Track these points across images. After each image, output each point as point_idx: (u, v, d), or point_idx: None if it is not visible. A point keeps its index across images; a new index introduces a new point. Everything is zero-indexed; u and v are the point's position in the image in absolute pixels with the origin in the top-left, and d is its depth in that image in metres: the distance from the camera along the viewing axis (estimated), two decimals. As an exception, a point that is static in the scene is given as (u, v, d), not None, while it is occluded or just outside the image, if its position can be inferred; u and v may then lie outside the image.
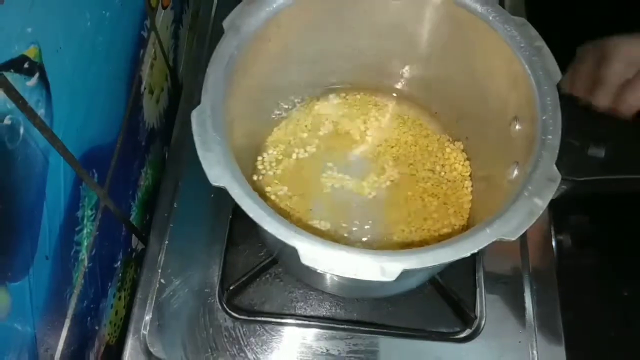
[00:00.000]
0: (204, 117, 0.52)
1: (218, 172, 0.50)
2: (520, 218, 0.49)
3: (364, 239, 0.70)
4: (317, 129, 0.76)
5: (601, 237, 0.81)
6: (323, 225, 0.70)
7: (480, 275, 0.71)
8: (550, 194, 0.50)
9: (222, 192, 0.74)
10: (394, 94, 0.79)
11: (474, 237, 0.48)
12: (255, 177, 0.73)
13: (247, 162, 0.71)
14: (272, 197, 0.71)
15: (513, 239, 0.48)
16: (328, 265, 0.46)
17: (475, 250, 0.47)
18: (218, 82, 0.55)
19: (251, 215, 0.48)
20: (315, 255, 0.46)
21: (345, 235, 0.70)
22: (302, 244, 0.47)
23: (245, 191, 0.49)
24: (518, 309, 0.70)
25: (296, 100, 0.77)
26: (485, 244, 0.48)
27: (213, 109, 0.53)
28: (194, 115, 0.52)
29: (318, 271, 0.46)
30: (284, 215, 0.51)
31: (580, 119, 0.60)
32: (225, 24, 0.58)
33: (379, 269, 0.46)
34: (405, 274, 0.46)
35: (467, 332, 0.68)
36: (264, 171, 0.73)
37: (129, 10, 0.63)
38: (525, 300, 0.70)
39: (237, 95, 0.58)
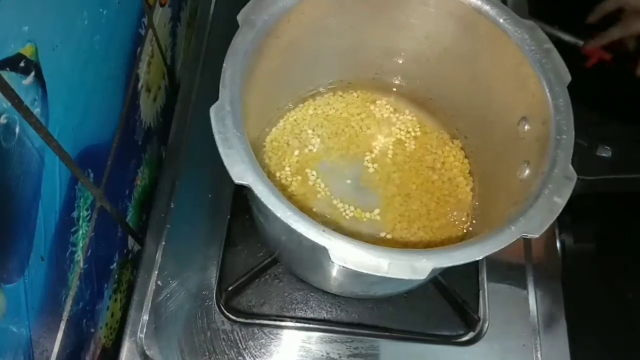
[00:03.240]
0: (224, 114, 0.51)
1: (241, 169, 0.49)
2: (542, 216, 0.50)
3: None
4: (316, 128, 0.75)
5: (606, 239, 0.81)
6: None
7: (483, 277, 0.71)
8: (568, 192, 0.51)
9: (220, 192, 0.74)
10: (393, 91, 0.79)
11: (499, 235, 0.49)
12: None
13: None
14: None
15: (537, 236, 0.49)
16: (359, 264, 0.46)
17: (502, 247, 0.48)
18: (235, 76, 0.54)
19: (279, 214, 0.47)
20: (345, 254, 0.46)
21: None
22: (333, 243, 0.47)
23: (270, 189, 0.48)
24: (522, 311, 0.70)
25: (295, 99, 0.76)
26: (511, 241, 0.49)
27: (232, 105, 0.52)
28: (213, 111, 0.51)
29: (341, 270, 0.46)
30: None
31: (588, 120, 0.60)
32: (240, 18, 0.58)
33: (410, 267, 0.46)
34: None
35: (471, 334, 0.68)
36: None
37: (126, 8, 0.62)
38: (529, 303, 0.70)
39: (249, 92, 0.57)
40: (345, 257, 0.46)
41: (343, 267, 0.46)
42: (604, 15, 0.87)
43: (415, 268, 0.46)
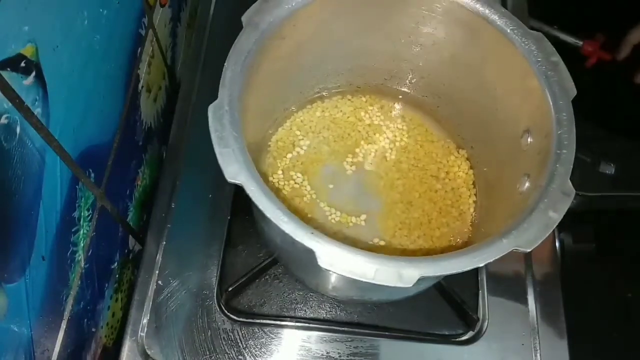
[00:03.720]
0: (221, 113, 0.51)
1: (235, 169, 0.49)
2: (536, 230, 0.49)
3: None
4: (321, 131, 0.75)
5: (605, 239, 0.81)
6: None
7: (483, 277, 0.71)
8: (565, 208, 0.51)
9: (220, 192, 0.74)
10: (401, 98, 0.78)
11: (490, 246, 0.49)
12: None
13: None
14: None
15: (528, 250, 0.49)
16: (346, 268, 0.46)
17: (491, 260, 0.48)
18: (235, 77, 0.54)
19: (268, 215, 0.47)
20: (333, 258, 0.46)
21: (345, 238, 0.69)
22: (320, 246, 0.46)
23: (263, 190, 0.48)
24: (521, 311, 0.69)
25: (302, 101, 0.76)
26: (502, 254, 0.48)
27: (230, 105, 0.52)
28: (211, 110, 0.51)
29: (335, 274, 0.46)
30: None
31: (592, 136, 0.60)
32: (244, 19, 0.58)
33: (397, 274, 0.46)
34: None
35: (470, 334, 0.68)
36: (266, 171, 0.72)
37: (126, 8, 0.62)
38: (529, 302, 0.70)
39: (250, 92, 0.57)
40: (333, 261, 0.46)
41: (328, 271, 0.46)
42: (632, 48, 0.88)
43: (402, 276, 0.46)
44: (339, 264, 0.46)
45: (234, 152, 0.50)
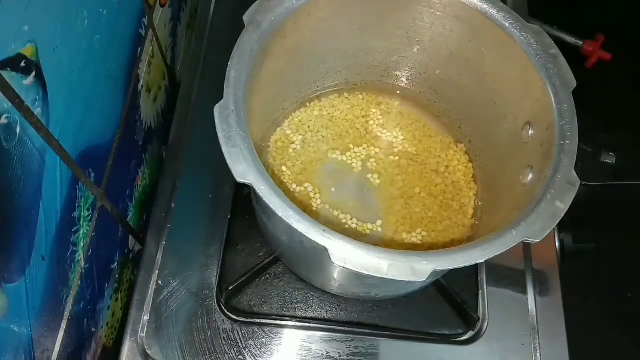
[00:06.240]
0: (228, 113, 0.51)
1: (244, 168, 0.49)
2: (544, 221, 0.50)
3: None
4: (320, 130, 0.75)
5: (605, 239, 0.81)
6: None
7: (483, 277, 0.71)
8: (571, 198, 0.51)
9: (220, 192, 0.74)
10: (398, 94, 0.79)
11: (500, 238, 0.49)
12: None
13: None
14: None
15: (537, 240, 0.49)
16: (359, 264, 0.46)
17: (502, 252, 0.48)
18: (240, 76, 0.54)
19: (280, 214, 0.48)
20: (345, 255, 0.46)
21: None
22: (333, 243, 0.47)
23: (273, 189, 0.49)
24: (521, 310, 0.70)
25: (300, 100, 0.76)
26: (512, 245, 0.49)
27: (236, 104, 0.52)
28: (217, 110, 0.51)
29: (345, 271, 0.46)
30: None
31: (592, 126, 0.61)
32: (246, 18, 0.58)
33: (410, 269, 0.46)
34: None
35: (470, 334, 0.68)
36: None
37: (126, 8, 0.62)
38: (529, 302, 0.70)
39: (253, 92, 0.58)
40: (345, 257, 0.46)
41: (343, 267, 0.46)
42: None
43: (415, 270, 0.46)
44: (352, 260, 0.46)
45: (242, 151, 0.50)
